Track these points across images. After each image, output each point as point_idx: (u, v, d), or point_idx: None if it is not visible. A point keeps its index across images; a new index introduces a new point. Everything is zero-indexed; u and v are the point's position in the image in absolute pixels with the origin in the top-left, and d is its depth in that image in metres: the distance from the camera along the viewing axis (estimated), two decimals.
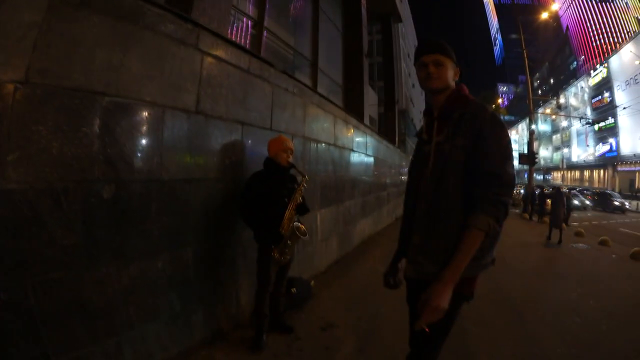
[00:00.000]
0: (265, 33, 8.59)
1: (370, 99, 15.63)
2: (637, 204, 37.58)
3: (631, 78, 54.93)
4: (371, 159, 11.57)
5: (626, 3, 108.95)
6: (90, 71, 2.72)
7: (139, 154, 3.13)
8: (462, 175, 2.02)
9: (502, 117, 2.16)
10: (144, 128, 3.19)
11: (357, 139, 9.86)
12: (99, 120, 2.78)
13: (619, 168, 60.17)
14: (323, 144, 7.14)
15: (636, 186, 53.78)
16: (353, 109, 11.48)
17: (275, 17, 9.42)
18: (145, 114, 3.19)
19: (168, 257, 3.46)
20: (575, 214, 22.17)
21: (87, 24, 2.71)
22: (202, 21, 4.22)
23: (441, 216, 2.06)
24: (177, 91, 3.53)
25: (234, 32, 7.70)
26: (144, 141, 3.19)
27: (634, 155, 55.37)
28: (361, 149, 10.27)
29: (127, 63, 3.01)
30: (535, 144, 31.07)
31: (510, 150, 2.08)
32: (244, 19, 8.10)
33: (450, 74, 2.28)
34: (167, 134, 3.40)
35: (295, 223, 4.20)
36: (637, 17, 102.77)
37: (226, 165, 4.23)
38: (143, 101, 3.17)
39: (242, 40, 8.01)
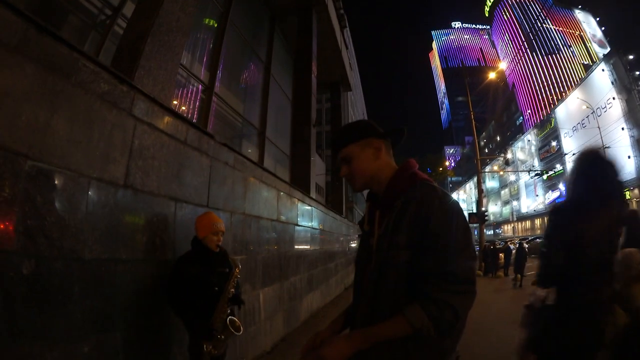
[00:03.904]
0: (214, 99, 8.57)
1: (318, 169, 15.76)
2: None
3: (578, 123, 58.09)
4: (317, 232, 11.37)
5: (572, 52, 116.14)
6: (15, 128, 2.43)
7: (60, 229, 2.78)
8: (406, 276, 1.67)
9: (454, 199, 1.80)
10: (67, 200, 2.85)
11: (302, 213, 9.69)
12: (20, 186, 2.46)
13: None
14: (265, 220, 6.90)
15: None
16: (300, 179, 11.48)
17: (227, 82, 9.49)
18: (68, 184, 2.86)
19: (95, 341, 3.04)
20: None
21: (19, 73, 2.46)
22: (147, 82, 4.04)
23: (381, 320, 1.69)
24: (105, 161, 3.22)
25: (183, 94, 7.65)
26: (66, 215, 2.83)
27: None
28: (307, 223, 10.10)
29: (54, 124, 2.72)
30: (485, 201, 31.94)
31: (466, 238, 1.68)
32: (194, 83, 8.07)
33: (368, 158, 1.90)
34: (91, 208, 3.06)
35: (230, 317, 3.75)
36: (583, 64, 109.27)
37: (157, 245, 3.87)
38: (67, 169, 2.83)
39: (191, 104, 7.95)
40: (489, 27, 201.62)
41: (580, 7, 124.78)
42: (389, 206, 1.81)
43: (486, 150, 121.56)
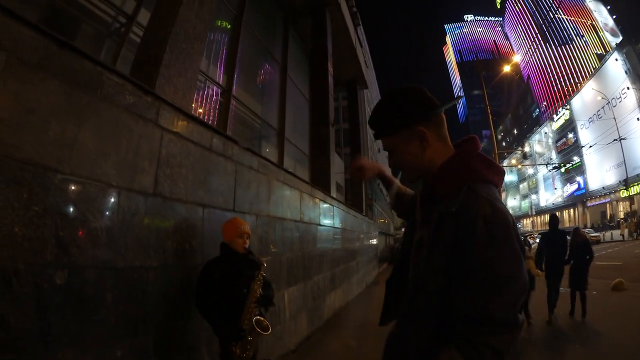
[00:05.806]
0: (233, 101, 8.61)
1: (337, 167, 15.69)
2: (611, 233, 37.42)
3: (594, 114, 57.24)
4: (339, 231, 11.38)
5: (585, 42, 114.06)
6: (43, 143, 2.47)
7: (92, 239, 2.84)
8: (439, 304, 1.40)
9: (504, 214, 1.33)
10: (98, 211, 2.91)
11: (324, 213, 9.72)
12: (51, 200, 2.51)
13: (589, 204, 61.61)
14: (289, 221, 6.95)
15: (607, 217, 54.78)
16: (320, 178, 11.49)
17: (244, 85, 9.50)
18: (99, 195, 2.92)
19: (127, 345, 3.12)
20: None
21: (43, 89, 2.49)
22: (168, 90, 4.06)
23: (411, 340, 1.50)
24: (134, 171, 3.28)
25: (201, 99, 7.68)
26: (97, 225, 2.89)
27: (603, 188, 57.21)
28: (328, 222, 10.12)
29: (82, 138, 2.76)
30: (503, 195, 31.68)
31: (515, 269, 1.29)
32: (212, 86, 8.11)
33: (414, 151, 1.56)
34: (122, 217, 3.13)
35: (256, 317, 3.69)
36: (596, 53, 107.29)
37: (186, 250, 3.94)
38: (97, 181, 2.89)
39: (210, 107, 7.99)
40: (501, 19, 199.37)
41: None
42: (428, 213, 1.54)
43: (503, 144, 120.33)
